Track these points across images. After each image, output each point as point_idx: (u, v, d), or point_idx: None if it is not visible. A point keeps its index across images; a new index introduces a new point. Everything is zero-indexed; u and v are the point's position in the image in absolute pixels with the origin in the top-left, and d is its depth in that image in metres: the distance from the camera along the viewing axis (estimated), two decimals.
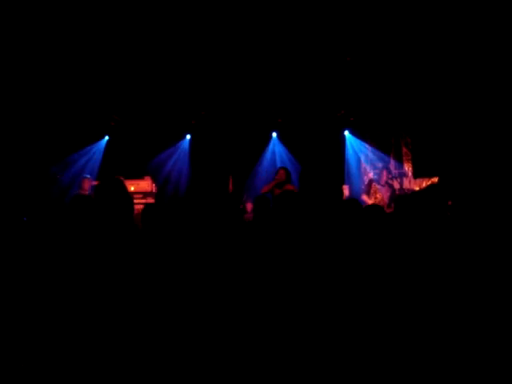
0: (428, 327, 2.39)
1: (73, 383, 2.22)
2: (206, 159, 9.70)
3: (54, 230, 2.97)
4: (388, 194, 7.37)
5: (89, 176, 8.00)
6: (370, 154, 9.98)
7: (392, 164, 9.80)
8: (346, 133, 10.09)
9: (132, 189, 8.19)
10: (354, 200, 3.55)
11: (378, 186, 7.54)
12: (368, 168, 9.95)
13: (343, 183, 9.60)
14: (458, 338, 2.35)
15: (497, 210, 3.62)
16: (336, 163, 9.83)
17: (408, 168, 9.82)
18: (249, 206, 8.10)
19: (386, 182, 7.53)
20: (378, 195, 7.43)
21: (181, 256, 2.78)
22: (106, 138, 9.83)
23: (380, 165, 9.83)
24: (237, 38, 6.80)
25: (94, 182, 8.17)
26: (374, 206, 3.60)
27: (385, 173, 7.75)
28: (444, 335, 2.36)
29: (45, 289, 2.44)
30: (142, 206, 7.11)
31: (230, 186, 9.35)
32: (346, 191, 9.32)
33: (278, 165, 9.71)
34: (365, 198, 7.56)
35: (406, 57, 7.44)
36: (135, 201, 7.45)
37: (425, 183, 9.05)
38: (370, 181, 8.05)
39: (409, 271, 2.69)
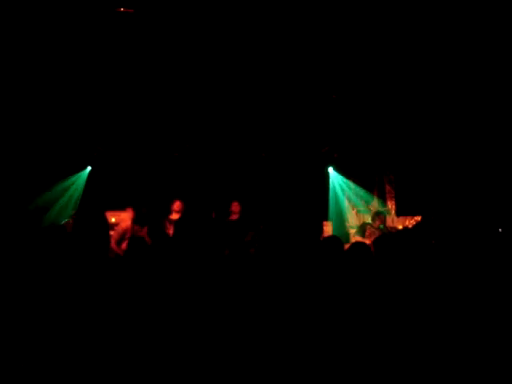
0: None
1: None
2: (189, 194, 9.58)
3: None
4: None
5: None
6: (353, 192, 10.01)
7: (375, 202, 9.83)
8: (330, 169, 10.13)
9: (113, 220, 8.05)
10: (336, 238, 3.52)
11: (372, 229, 7.59)
12: (352, 206, 9.96)
13: (326, 219, 9.58)
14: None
15: (481, 250, 3.64)
16: (319, 199, 9.83)
17: (391, 206, 9.86)
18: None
19: (379, 227, 7.62)
20: (372, 238, 7.49)
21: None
22: (89, 168, 9.71)
23: (363, 202, 9.86)
24: (224, 72, 6.84)
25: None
26: (360, 244, 3.53)
27: (381, 217, 7.86)
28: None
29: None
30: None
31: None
32: (328, 227, 9.30)
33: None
34: (358, 239, 7.55)
35: (392, 96, 7.55)
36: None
37: (408, 221, 9.07)
38: (364, 224, 8.14)
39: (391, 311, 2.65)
